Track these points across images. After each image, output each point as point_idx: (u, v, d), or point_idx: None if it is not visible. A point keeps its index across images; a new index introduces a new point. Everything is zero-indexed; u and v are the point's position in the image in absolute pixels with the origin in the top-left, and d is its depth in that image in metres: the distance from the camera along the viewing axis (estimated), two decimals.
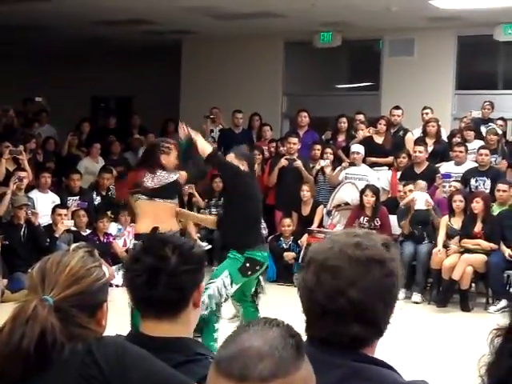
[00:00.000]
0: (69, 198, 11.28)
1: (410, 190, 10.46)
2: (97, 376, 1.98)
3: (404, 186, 10.66)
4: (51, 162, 12.75)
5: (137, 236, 6.64)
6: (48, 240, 10.00)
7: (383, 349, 2.07)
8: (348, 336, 1.81)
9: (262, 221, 11.32)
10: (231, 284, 6.31)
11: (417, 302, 9.86)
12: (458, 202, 9.93)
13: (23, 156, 11.10)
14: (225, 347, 1.46)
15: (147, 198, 6.53)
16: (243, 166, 6.47)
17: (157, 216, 6.39)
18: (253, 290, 6.79)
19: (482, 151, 10.80)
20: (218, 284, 6.24)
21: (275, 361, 1.41)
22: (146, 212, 6.54)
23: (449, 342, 7.96)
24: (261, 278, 6.87)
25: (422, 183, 10.49)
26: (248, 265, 6.38)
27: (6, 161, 10.92)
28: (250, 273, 6.42)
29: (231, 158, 6.57)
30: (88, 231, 10.81)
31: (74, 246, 3.19)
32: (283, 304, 9.26)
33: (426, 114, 12.21)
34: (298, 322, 1.87)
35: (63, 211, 10.48)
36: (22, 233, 9.92)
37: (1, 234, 9.70)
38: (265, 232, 11.40)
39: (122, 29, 14.11)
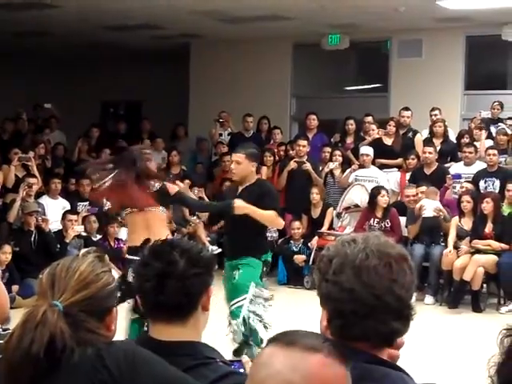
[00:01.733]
0: (79, 203, 11.29)
1: (422, 192, 10.43)
2: (107, 381, 1.98)
3: (417, 187, 10.62)
4: (61, 167, 12.79)
5: (130, 250, 5.95)
6: (58, 246, 10.03)
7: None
8: (387, 332, 1.83)
9: None
10: (262, 289, 6.19)
11: (429, 304, 9.83)
12: (466, 203, 9.91)
13: (32, 162, 11.12)
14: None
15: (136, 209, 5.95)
16: (253, 167, 6.36)
17: (148, 227, 5.84)
18: None
19: (490, 151, 10.77)
20: (248, 302, 6.02)
21: (323, 343, 1.49)
22: (135, 223, 5.97)
23: (460, 343, 7.94)
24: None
25: (433, 191, 10.44)
26: (265, 269, 6.34)
27: (15, 167, 10.94)
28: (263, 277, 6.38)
29: (241, 158, 6.29)
30: (98, 236, 10.82)
31: (83, 251, 3.21)
32: (294, 306, 9.28)
33: (435, 115, 12.19)
34: (307, 323, 1.87)
35: (73, 217, 10.50)
36: (32, 239, 9.94)
37: (11, 240, 9.72)
38: (275, 235, 11.42)
39: (130, 34, 14.14)
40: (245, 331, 6.00)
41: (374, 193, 10.64)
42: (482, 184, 10.67)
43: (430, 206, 10.17)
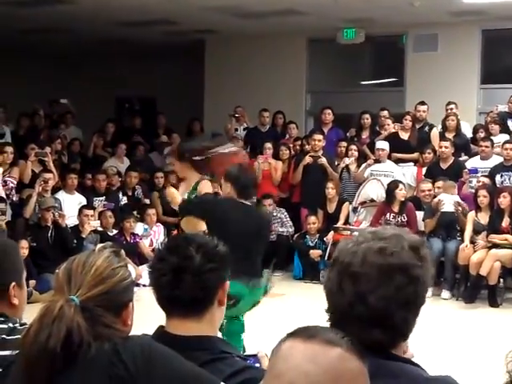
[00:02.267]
0: (95, 198, 11.33)
1: (439, 187, 10.40)
2: (123, 375, 1.98)
3: (434, 182, 10.59)
4: (77, 163, 12.84)
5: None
6: (75, 241, 10.07)
7: (413, 346, 2.06)
8: (369, 340, 1.80)
9: (288, 218, 11.43)
10: None
11: (446, 299, 9.81)
12: (482, 197, 9.87)
13: (49, 158, 11.16)
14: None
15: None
16: (228, 189, 5.93)
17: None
18: None
19: (507, 145, 10.70)
20: None
21: (342, 338, 1.50)
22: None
23: (477, 338, 7.91)
24: None
25: (451, 185, 10.41)
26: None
27: (31, 163, 10.99)
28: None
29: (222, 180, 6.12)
30: (114, 231, 10.86)
31: (99, 246, 3.21)
32: (309, 301, 9.27)
33: (451, 109, 12.13)
34: (323, 318, 1.87)
35: (90, 212, 10.54)
36: (49, 234, 9.99)
37: (28, 235, 9.78)
38: (291, 230, 11.43)
39: (145, 29, 14.16)
40: None
41: (392, 187, 10.61)
42: (498, 178, 10.61)
43: (448, 200, 10.14)
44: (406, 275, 1.83)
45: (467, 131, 12.20)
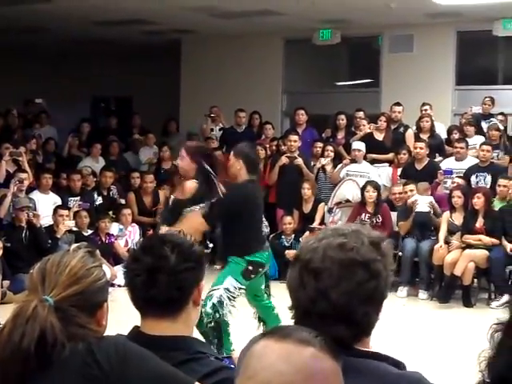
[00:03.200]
0: (70, 198, 11.27)
1: (411, 190, 10.45)
2: (98, 375, 1.98)
3: (404, 185, 10.65)
4: (52, 162, 12.77)
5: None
6: (49, 241, 10.01)
7: (384, 344, 2.07)
8: (332, 337, 1.80)
9: (264, 219, 11.43)
10: (237, 289, 6.27)
11: (423, 299, 9.86)
12: (457, 198, 9.94)
13: (23, 158, 11.09)
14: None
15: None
16: (239, 166, 6.37)
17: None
18: (263, 286, 6.78)
19: (485, 147, 10.77)
20: (222, 292, 6.16)
21: (316, 337, 1.50)
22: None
23: (451, 337, 7.96)
24: None
25: (424, 186, 10.46)
26: (251, 268, 6.35)
27: (6, 162, 10.91)
28: (253, 276, 6.39)
29: (231, 158, 6.48)
30: (90, 231, 10.81)
31: (74, 246, 3.21)
32: (285, 301, 9.28)
33: (425, 110, 12.20)
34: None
35: (65, 212, 10.47)
36: (23, 234, 9.91)
37: (2, 235, 9.70)
38: (266, 230, 11.37)
39: (121, 29, 14.11)
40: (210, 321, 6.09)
41: (362, 188, 10.67)
42: (473, 179, 10.69)
43: (422, 200, 10.20)
44: (367, 270, 1.83)
45: (442, 132, 12.28)
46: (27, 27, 13.86)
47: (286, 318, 1.77)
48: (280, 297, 9.10)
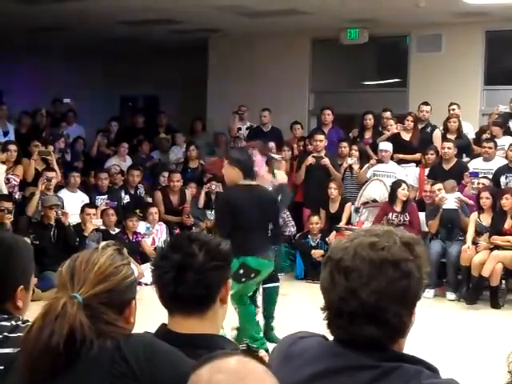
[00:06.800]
0: (97, 197, 11.34)
1: (439, 189, 10.40)
2: (126, 373, 1.99)
3: (432, 185, 10.60)
4: (80, 161, 12.85)
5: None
6: (77, 239, 10.07)
7: (413, 347, 2.06)
8: (364, 337, 1.80)
9: (290, 219, 11.41)
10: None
11: (451, 300, 9.81)
12: (485, 199, 9.87)
13: (52, 156, 11.17)
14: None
15: None
16: (234, 172, 6.56)
17: None
18: (250, 293, 6.84)
19: None
20: None
21: (238, 351, 1.63)
22: None
23: (479, 339, 7.90)
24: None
25: (451, 183, 10.40)
26: (242, 271, 6.34)
27: (35, 161, 10.99)
28: (243, 279, 6.39)
29: (225, 165, 6.67)
30: (117, 230, 10.86)
31: (102, 244, 3.22)
32: (311, 302, 9.28)
33: (453, 109, 12.13)
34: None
35: (92, 210, 10.54)
36: (52, 233, 9.99)
37: (31, 233, 9.77)
38: (293, 229, 11.41)
39: (148, 28, 14.15)
40: None
41: (395, 186, 10.62)
42: (502, 180, 10.61)
43: (450, 197, 10.15)
44: (398, 269, 1.82)
45: (470, 132, 12.19)
46: (54, 27, 13.94)
47: (310, 320, 1.77)
48: (305, 297, 9.12)
